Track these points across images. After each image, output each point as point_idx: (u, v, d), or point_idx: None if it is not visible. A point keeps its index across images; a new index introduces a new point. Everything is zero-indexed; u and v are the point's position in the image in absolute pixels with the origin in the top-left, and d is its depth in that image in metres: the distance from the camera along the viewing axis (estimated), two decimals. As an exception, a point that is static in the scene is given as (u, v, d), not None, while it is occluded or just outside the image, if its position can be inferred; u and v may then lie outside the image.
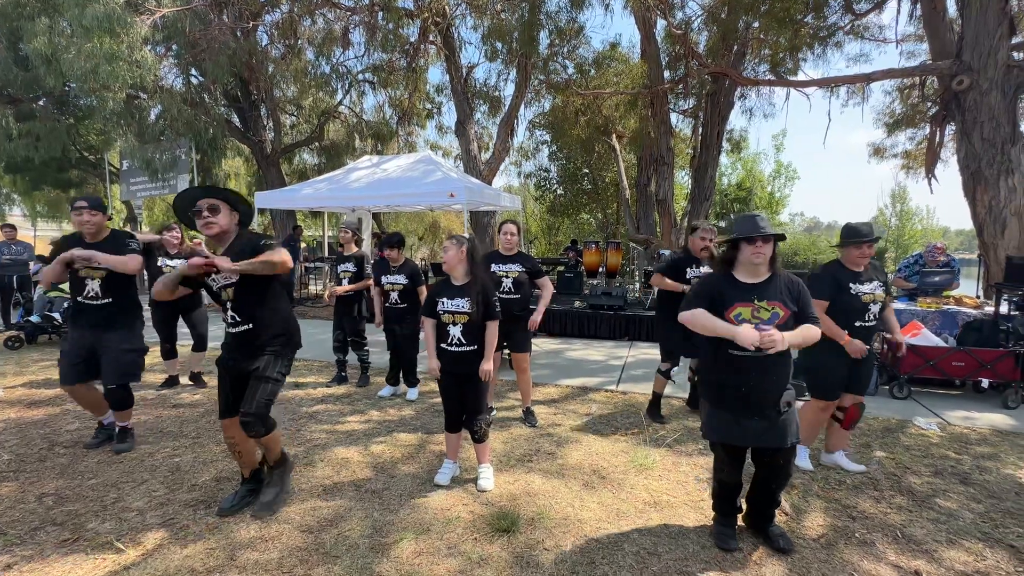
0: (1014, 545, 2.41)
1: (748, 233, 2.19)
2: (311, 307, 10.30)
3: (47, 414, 4.15)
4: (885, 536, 2.48)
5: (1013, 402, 4.41)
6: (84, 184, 17.33)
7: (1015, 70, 6.55)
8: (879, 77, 8.14)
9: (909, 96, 11.67)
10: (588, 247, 10.69)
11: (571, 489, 2.92)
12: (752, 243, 2.19)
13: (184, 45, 9.44)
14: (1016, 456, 3.45)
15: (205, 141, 10.62)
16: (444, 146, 18.41)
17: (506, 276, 3.90)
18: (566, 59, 11.48)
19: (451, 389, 2.92)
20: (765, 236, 2.17)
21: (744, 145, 16.09)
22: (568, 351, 6.75)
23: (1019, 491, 2.95)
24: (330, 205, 11.24)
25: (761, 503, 2.42)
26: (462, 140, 11.75)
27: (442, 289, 2.92)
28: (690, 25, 10.81)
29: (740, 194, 22.12)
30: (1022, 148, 6.67)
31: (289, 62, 11.01)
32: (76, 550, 2.33)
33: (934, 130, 8.00)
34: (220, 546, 2.35)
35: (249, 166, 18.33)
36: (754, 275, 2.26)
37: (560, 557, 2.29)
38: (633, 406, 4.45)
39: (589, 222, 22.48)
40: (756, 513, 2.46)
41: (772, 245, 2.22)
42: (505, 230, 3.95)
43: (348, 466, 3.20)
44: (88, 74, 7.71)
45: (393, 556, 2.29)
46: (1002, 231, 6.62)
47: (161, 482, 2.98)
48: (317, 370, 5.62)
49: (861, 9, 9.38)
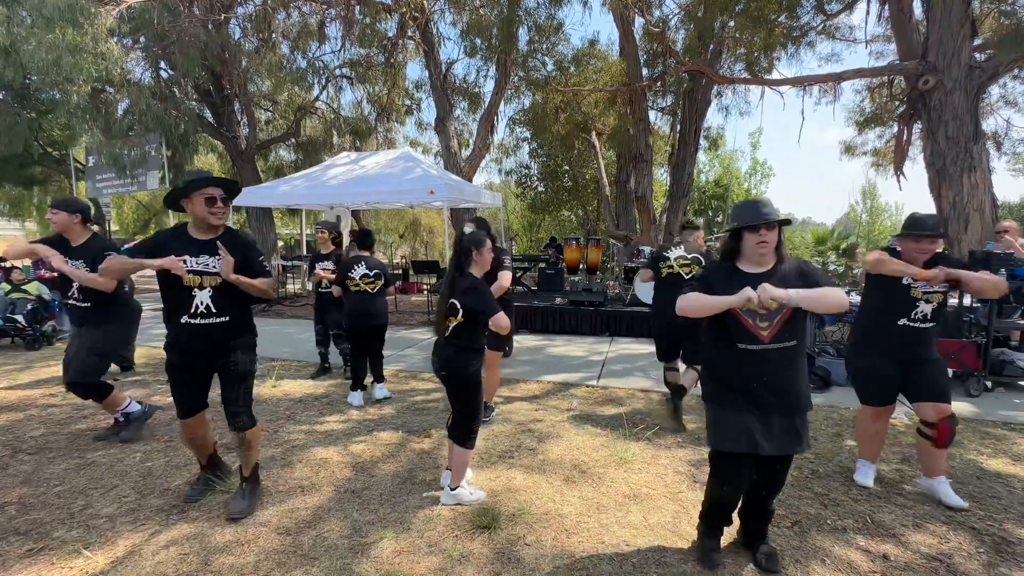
0: (975, 527, 2.51)
1: (750, 221, 2.00)
2: (290, 306, 10.12)
3: (9, 420, 3.99)
4: (856, 522, 2.56)
5: (975, 390, 4.58)
6: (48, 181, 16.70)
7: (977, 71, 6.79)
8: (849, 76, 8.36)
9: (878, 95, 12.00)
10: (569, 244, 10.75)
11: (552, 484, 2.94)
12: (755, 231, 1.99)
13: (152, 37, 9.14)
14: (978, 442, 3.59)
15: (176, 137, 10.31)
16: (424, 143, 18.24)
17: None
18: (545, 56, 11.47)
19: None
20: (769, 223, 1.97)
21: (721, 142, 16.40)
22: (549, 347, 6.78)
23: (980, 476, 3.07)
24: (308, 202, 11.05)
25: (753, 513, 2.23)
26: (442, 137, 11.68)
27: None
28: (668, 23, 10.93)
29: (718, 191, 22.49)
30: (983, 146, 6.93)
31: (263, 56, 10.77)
32: (41, 559, 2.25)
33: (902, 128, 8.25)
34: (194, 551, 2.30)
35: (223, 163, 17.89)
36: (759, 264, 2.06)
37: (541, 552, 2.30)
38: (613, 401, 4.49)
39: (570, 219, 22.60)
40: (750, 530, 2.26)
41: (777, 232, 2.01)
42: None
43: (327, 466, 3.16)
44: (50, 66, 7.40)
45: (373, 556, 2.27)
46: (965, 226, 6.86)
47: (132, 487, 2.90)
48: (296, 369, 5.53)
49: (832, 10, 9.61)
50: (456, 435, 2.70)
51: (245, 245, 2.58)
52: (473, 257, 2.71)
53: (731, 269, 2.11)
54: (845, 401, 4.39)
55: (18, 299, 6.57)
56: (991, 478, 3.04)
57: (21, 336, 6.51)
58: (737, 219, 2.06)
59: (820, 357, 5.00)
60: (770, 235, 1.99)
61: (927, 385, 2.68)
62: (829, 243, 21.11)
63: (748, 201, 2.08)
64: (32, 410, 4.17)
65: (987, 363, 4.61)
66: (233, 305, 2.53)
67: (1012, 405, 4.40)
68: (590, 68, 12.78)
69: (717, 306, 1.97)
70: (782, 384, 2.00)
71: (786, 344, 2.01)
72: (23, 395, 4.60)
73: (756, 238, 2.00)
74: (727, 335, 2.04)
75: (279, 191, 9.33)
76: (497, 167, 19.59)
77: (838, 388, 4.79)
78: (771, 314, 1.99)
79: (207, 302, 2.45)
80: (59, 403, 4.38)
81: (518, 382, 5.07)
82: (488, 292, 2.71)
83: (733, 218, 2.10)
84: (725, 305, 1.94)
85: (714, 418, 2.11)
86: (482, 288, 2.66)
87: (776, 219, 1.99)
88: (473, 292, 2.62)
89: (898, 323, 2.67)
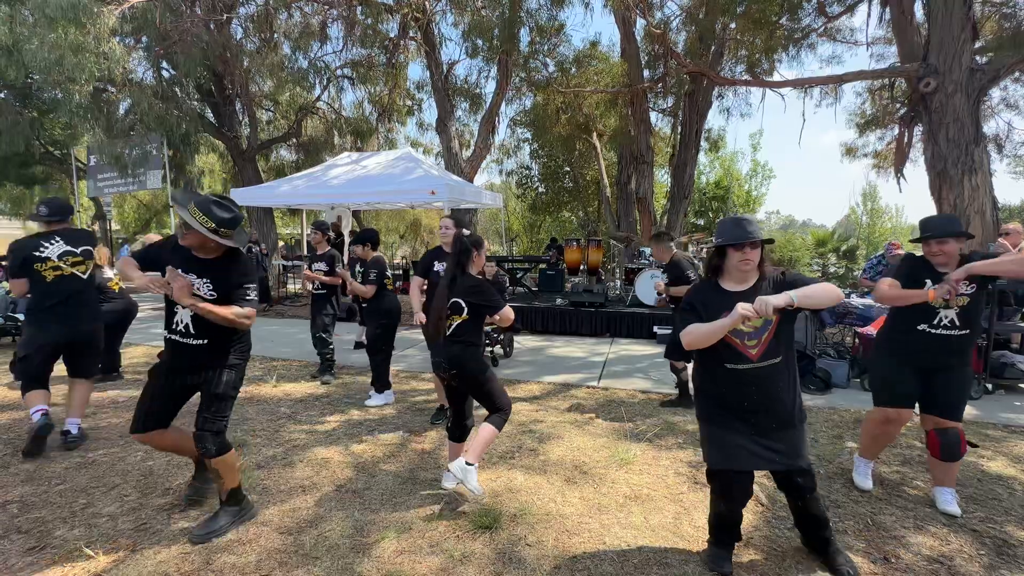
0: (976, 529, 2.51)
1: (735, 240, 2.03)
2: (289, 306, 10.13)
3: (10, 419, 3.99)
4: (856, 523, 2.56)
5: (976, 393, 4.58)
6: (49, 180, 16.72)
7: (978, 73, 6.80)
8: (851, 78, 8.37)
9: (879, 97, 12.01)
10: (569, 245, 10.75)
11: (553, 485, 2.94)
12: (740, 249, 2.03)
13: (155, 37, 9.16)
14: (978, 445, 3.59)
15: (177, 136, 10.34)
16: (425, 143, 18.25)
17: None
18: (547, 57, 11.49)
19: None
20: (753, 242, 2.02)
21: (722, 144, 16.40)
22: (550, 348, 6.78)
23: (981, 478, 3.08)
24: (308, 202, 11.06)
25: (805, 525, 2.22)
26: (443, 137, 11.69)
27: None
28: (669, 25, 10.95)
29: (718, 192, 22.49)
30: (984, 149, 6.93)
31: (265, 56, 10.77)
32: (43, 558, 2.25)
33: (903, 131, 8.25)
34: (195, 550, 2.30)
35: (224, 162, 17.91)
36: (742, 282, 2.10)
37: (542, 552, 2.31)
38: (614, 402, 4.49)
39: (570, 220, 22.61)
40: (812, 539, 2.25)
41: (760, 250, 2.06)
42: (442, 223, 3.79)
43: (328, 466, 3.16)
44: (52, 66, 7.42)
45: (375, 555, 2.27)
46: (966, 229, 6.87)
47: (134, 487, 2.90)
48: (296, 369, 5.53)
49: (834, 12, 9.62)
50: (491, 420, 2.70)
51: (232, 274, 2.37)
52: (473, 257, 2.76)
53: (714, 289, 2.13)
54: (845, 403, 4.39)
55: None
56: (992, 480, 3.04)
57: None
58: (721, 236, 2.10)
59: (821, 359, 5.01)
60: (753, 253, 2.03)
61: (939, 398, 2.62)
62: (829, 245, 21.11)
63: (732, 218, 2.12)
64: (33, 409, 4.16)
65: (987, 366, 4.61)
66: (212, 329, 2.34)
67: (1012, 407, 4.40)
68: (591, 69, 12.80)
69: (719, 331, 1.96)
70: (773, 401, 2.02)
71: (774, 361, 2.02)
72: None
73: (740, 256, 2.04)
74: (716, 356, 2.05)
75: (280, 191, 9.34)
76: (498, 168, 19.63)
77: (838, 390, 4.80)
78: (758, 332, 2.01)
79: (186, 321, 2.35)
80: (60, 402, 4.38)
81: (519, 383, 5.07)
82: (492, 288, 2.76)
83: (717, 235, 2.13)
84: (726, 328, 1.93)
85: (708, 436, 2.13)
86: (485, 285, 2.73)
87: (759, 238, 2.04)
88: (478, 290, 2.69)
89: (917, 328, 2.59)
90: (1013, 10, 8.03)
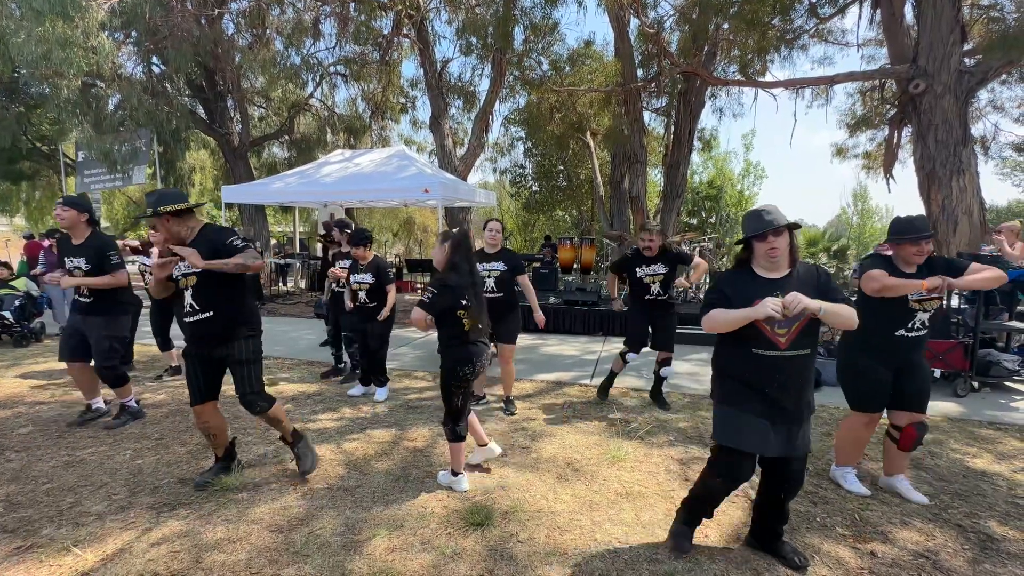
0: (961, 524, 2.56)
1: (755, 231, 1.99)
2: (282, 304, 10.07)
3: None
4: (844, 520, 2.59)
5: (962, 391, 4.65)
6: (37, 176, 16.49)
7: (966, 75, 6.88)
8: (841, 79, 8.43)
9: (870, 98, 12.12)
10: (563, 243, 10.76)
11: (545, 482, 2.95)
12: (763, 239, 1.99)
13: (144, 32, 9.06)
14: (964, 442, 3.64)
15: (167, 132, 10.24)
16: (418, 141, 18.19)
17: (488, 275, 3.99)
18: (541, 55, 11.49)
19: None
20: (776, 229, 1.96)
21: (715, 144, 16.49)
22: (543, 346, 6.79)
23: (966, 474, 3.12)
24: (301, 200, 11.01)
25: (771, 517, 2.23)
26: (437, 135, 11.66)
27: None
28: (662, 24, 10.97)
29: (711, 192, 22.58)
30: (972, 150, 7.02)
31: (257, 52, 10.67)
32: (30, 557, 2.23)
33: (892, 132, 8.34)
34: (185, 548, 2.29)
35: (215, 159, 17.74)
36: (774, 270, 2.05)
37: (533, 549, 2.31)
38: (607, 400, 4.51)
39: (564, 219, 22.61)
40: (766, 530, 2.26)
41: (787, 237, 2.00)
42: (489, 227, 4.08)
43: (320, 464, 3.14)
44: (40, 60, 7.32)
45: (366, 553, 2.27)
46: (954, 229, 6.95)
47: (122, 485, 2.88)
48: (289, 368, 5.50)
49: (825, 13, 9.69)
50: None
51: (212, 239, 2.63)
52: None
53: (748, 276, 2.09)
54: (835, 401, 4.43)
55: (6, 295, 6.49)
56: (976, 476, 3.09)
57: (9, 333, 6.43)
58: (744, 230, 2.08)
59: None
60: (779, 241, 1.98)
61: (912, 394, 2.70)
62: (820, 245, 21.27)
63: (752, 211, 2.07)
64: (20, 407, 4.12)
65: (974, 364, 4.67)
66: (213, 300, 2.63)
67: (998, 405, 4.47)
68: (585, 68, 12.81)
69: (741, 320, 1.94)
70: (793, 390, 2.01)
71: (800, 352, 2.01)
72: (11, 392, 4.55)
73: (765, 246, 2.00)
74: (743, 341, 2.02)
75: (272, 188, 9.28)
76: (492, 166, 19.61)
77: (828, 388, 4.84)
78: (789, 321, 1.96)
79: (191, 301, 2.63)
80: (47, 400, 4.33)
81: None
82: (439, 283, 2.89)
83: (742, 230, 2.11)
84: (749, 319, 1.92)
85: (724, 416, 2.11)
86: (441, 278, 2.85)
87: (781, 224, 1.98)
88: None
89: (895, 334, 2.65)
90: (1001, 13, 8.13)
